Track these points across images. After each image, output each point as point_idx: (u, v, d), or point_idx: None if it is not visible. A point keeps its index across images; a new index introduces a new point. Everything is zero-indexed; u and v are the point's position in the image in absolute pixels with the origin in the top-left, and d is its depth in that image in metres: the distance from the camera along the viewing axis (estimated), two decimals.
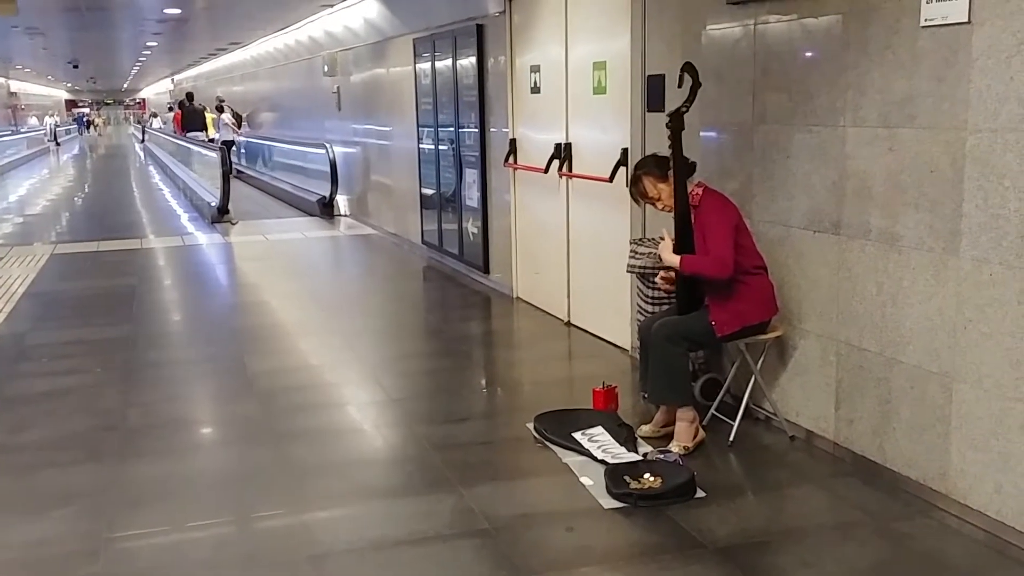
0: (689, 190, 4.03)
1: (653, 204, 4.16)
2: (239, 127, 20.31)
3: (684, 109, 4.02)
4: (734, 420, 4.18)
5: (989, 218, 3.17)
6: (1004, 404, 3.18)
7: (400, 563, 3.21)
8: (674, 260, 3.98)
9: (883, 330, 3.67)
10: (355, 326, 6.77)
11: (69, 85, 51.41)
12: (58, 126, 44.25)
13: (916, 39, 3.39)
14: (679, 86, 4.12)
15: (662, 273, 4.21)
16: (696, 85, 4.07)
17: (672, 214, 4.06)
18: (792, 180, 4.10)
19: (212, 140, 19.26)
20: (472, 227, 8.08)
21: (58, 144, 41.81)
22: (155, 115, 44.43)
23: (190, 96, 22.49)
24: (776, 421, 4.29)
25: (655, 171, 4.09)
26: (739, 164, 4.43)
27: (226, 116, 20.13)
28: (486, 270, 7.87)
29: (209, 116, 21.18)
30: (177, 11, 12.46)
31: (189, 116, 21.25)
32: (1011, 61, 3.04)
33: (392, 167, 10.60)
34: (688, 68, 4.09)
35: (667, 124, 3.99)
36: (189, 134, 20.51)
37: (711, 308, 3.99)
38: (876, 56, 3.58)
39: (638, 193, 4.17)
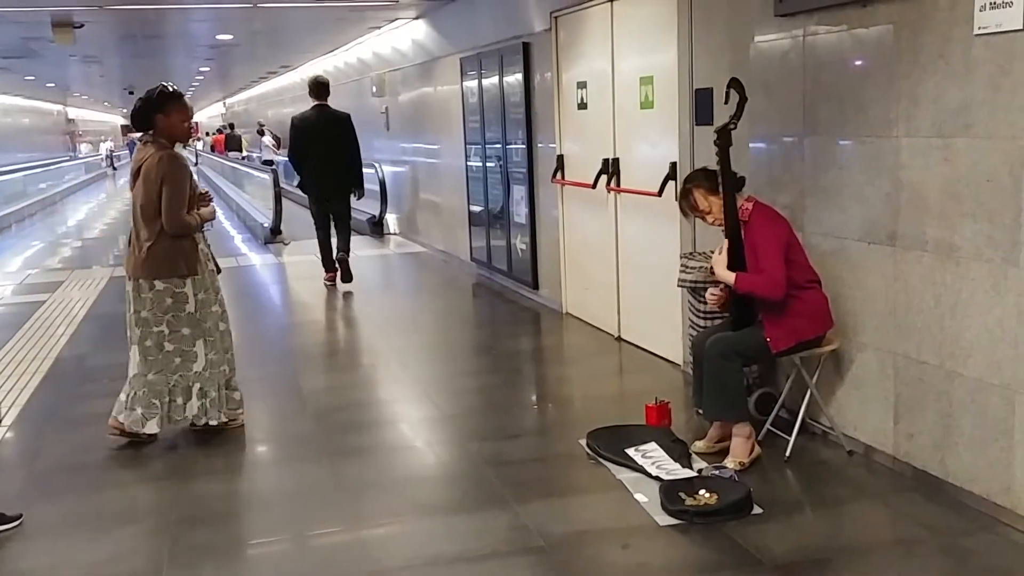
0: (739, 204, 4.01)
1: (703, 217, 4.14)
2: (278, 148, 22.01)
3: (732, 125, 4.00)
4: (790, 435, 4.13)
5: None
6: None
7: None
8: (728, 277, 3.95)
9: (942, 342, 3.61)
10: (406, 343, 6.82)
11: (125, 111, 52.61)
12: (112, 151, 45.27)
13: (970, 47, 3.35)
14: (726, 102, 4.10)
15: (712, 289, 4.18)
16: (743, 100, 4.05)
17: (722, 228, 4.04)
18: (845, 192, 4.06)
19: (269, 162, 20.05)
20: (520, 243, 8.10)
21: (115, 169, 42.81)
22: (199, 139, 46.17)
23: (231, 125, 29.71)
24: (833, 436, 4.24)
25: (705, 184, 4.07)
26: (790, 176, 4.39)
27: (266, 139, 23.02)
28: (535, 286, 7.89)
29: (245, 138, 27.31)
30: (228, 37, 12.72)
31: (230, 140, 27.09)
32: None
33: (440, 185, 10.68)
34: (734, 84, 4.07)
35: (715, 141, 3.97)
36: (230, 154, 25.11)
37: (765, 324, 3.96)
38: (929, 65, 3.54)
39: (688, 206, 4.16)
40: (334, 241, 9.06)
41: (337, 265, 8.90)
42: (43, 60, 14.53)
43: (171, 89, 4.64)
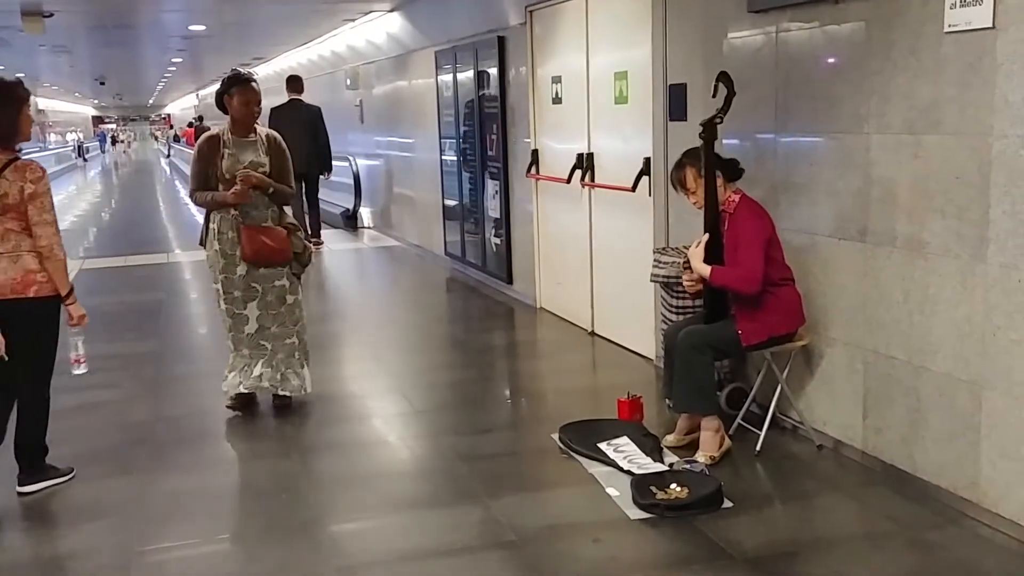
0: (726, 196, 4.01)
1: (688, 196, 4.12)
2: None
3: (718, 120, 3.99)
4: (760, 429, 4.16)
5: (1017, 224, 3.14)
6: None
7: (429, 575, 3.22)
8: (704, 270, 3.96)
9: (911, 338, 3.64)
10: (380, 338, 6.80)
11: (96, 102, 52.01)
12: (81, 143, 44.84)
13: (940, 45, 3.37)
14: (713, 95, 4.08)
15: (687, 274, 4.17)
16: (731, 94, 4.04)
17: (702, 212, 4.03)
18: (816, 188, 4.09)
19: None
20: (495, 238, 8.09)
21: (85, 160, 42.37)
22: (156, 135, 46.88)
23: (200, 119, 30.59)
24: (803, 430, 4.27)
25: (699, 165, 4.04)
26: (763, 172, 4.41)
27: None
28: (509, 281, 7.88)
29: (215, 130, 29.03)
30: (201, 28, 12.59)
31: (199, 132, 27.57)
32: None
33: (415, 179, 10.65)
34: (723, 77, 4.05)
35: (700, 134, 3.98)
36: None
37: (738, 318, 3.97)
38: (900, 62, 3.56)
39: (677, 180, 4.13)
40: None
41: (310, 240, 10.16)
42: (12, 49, 14.31)
43: (238, 73, 4.84)
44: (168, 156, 41.19)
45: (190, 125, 35.68)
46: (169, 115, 66.74)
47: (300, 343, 4.95)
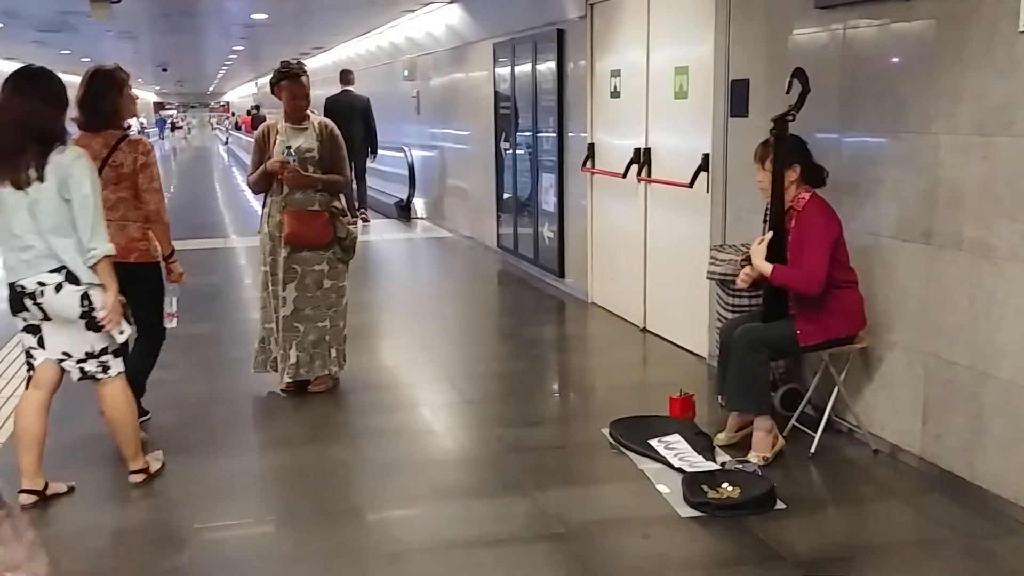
0: (797, 193, 3.95)
1: (759, 171, 4.03)
2: None
3: (791, 117, 3.92)
4: (815, 432, 4.10)
5: None
6: None
7: (475, 564, 3.23)
8: (766, 268, 3.91)
9: (975, 343, 3.56)
10: (430, 328, 6.83)
11: (158, 88, 52.91)
12: (143, 127, 45.64)
13: (1014, 44, 3.29)
14: (787, 91, 4.00)
15: (747, 268, 4.09)
16: (805, 91, 3.95)
17: (765, 207, 3.98)
18: (881, 188, 4.01)
19: None
20: (548, 231, 8.08)
21: None
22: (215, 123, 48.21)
23: (257, 107, 33.78)
24: (859, 434, 4.20)
25: (784, 156, 3.94)
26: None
27: None
28: (561, 274, 7.86)
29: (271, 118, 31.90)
30: (263, 16, 12.75)
31: (256, 121, 31.10)
32: None
33: (469, 171, 10.67)
34: (798, 74, 3.98)
35: (771, 130, 3.92)
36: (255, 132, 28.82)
37: (797, 318, 3.92)
38: (972, 62, 3.48)
39: (760, 155, 4.03)
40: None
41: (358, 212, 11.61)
42: (79, 35, 14.62)
43: (289, 66, 5.11)
44: (226, 143, 41.78)
45: (248, 113, 37.39)
46: (228, 103, 67.69)
47: (332, 328, 5.04)
